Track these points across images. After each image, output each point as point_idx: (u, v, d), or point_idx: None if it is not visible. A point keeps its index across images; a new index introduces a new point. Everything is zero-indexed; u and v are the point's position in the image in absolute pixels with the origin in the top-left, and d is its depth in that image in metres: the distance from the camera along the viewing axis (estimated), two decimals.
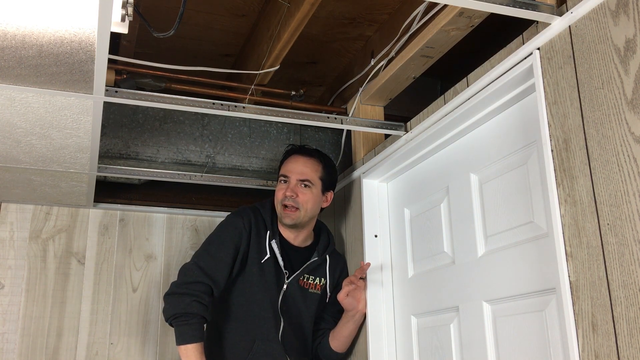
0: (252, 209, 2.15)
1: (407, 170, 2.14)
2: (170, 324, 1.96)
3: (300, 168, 2.11)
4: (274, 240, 2.09)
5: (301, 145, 2.22)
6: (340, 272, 2.24)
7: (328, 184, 2.16)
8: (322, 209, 2.19)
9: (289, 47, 1.97)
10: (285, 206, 2.07)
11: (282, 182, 2.12)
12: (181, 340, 1.92)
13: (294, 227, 2.11)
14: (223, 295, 2.08)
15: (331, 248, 2.21)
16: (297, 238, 2.16)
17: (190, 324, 1.92)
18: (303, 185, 2.09)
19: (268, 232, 2.11)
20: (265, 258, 2.08)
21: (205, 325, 1.98)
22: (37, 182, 2.20)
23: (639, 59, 1.14)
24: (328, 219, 2.47)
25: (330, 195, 2.19)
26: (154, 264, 2.64)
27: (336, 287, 2.21)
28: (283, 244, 2.13)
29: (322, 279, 2.19)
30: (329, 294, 2.21)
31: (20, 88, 1.50)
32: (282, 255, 2.10)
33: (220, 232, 2.09)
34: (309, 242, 2.21)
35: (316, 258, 2.15)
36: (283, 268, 2.10)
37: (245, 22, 2.22)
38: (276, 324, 2.07)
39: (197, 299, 1.94)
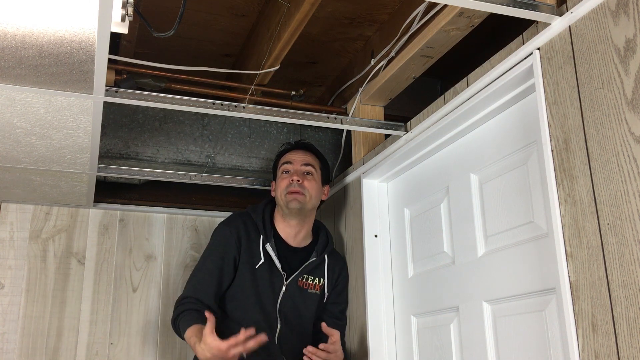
0: (242, 215, 2.16)
1: (407, 170, 2.14)
2: (182, 334, 1.96)
3: (301, 156, 2.15)
4: (268, 244, 2.09)
5: (297, 140, 2.25)
6: (340, 272, 2.23)
7: (325, 176, 2.21)
8: (321, 203, 2.20)
9: (289, 47, 1.97)
10: (291, 192, 2.08)
11: (285, 172, 2.13)
12: (183, 329, 1.92)
13: (299, 214, 2.10)
14: (221, 301, 2.09)
15: (330, 247, 2.21)
16: (298, 236, 2.15)
17: (188, 314, 1.94)
18: (306, 173, 2.12)
19: (261, 236, 2.10)
20: (260, 263, 2.07)
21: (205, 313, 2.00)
22: (37, 182, 2.20)
23: (639, 59, 1.14)
24: (328, 219, 2.47)
25: (327, 188, 2.23)
26: (154, 264, 2.64)
27: (335, 287, 2.21)
28: (279, 246, 2.13)
29: (321, 279, 2.19)
30: (327, 294, 2.21)
31: (20, 88, 1.50)
32: (278, 257, 2.10)
33: (209, 245, 2.13)
34: (307, 242, 2.20)
35: (314, 258, 2.15)
36: (281, 270, 2.10)
37: (245, 22, 2.22)
38: (271, 326, 2.07)
39: (191, 303, 1.98)
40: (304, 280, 2.15)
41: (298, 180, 2.08)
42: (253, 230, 2.11)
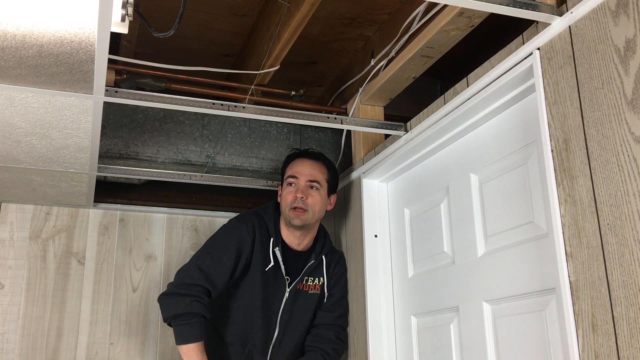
0: (255, 214, 2.14)
1: (407, 170, 2.14)
2: (169, 324, 1.97)
3: (308, 170, 2.11)
4: (277, 248, 2.09)
5: (306, 149, 2.23)
6: (335, 266, 2.24)
7: (332, 186, 2.18)
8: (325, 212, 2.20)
9: (289, 47, 1.97)
10: (295, 208, 2.06)
11: (290, 185, 2.11)
12: (182, 340, 1.92)
13: (301, 228, 2.10)
14: (223, 298, 2.09)
15: (327, 248, 2.22)
16: (302, 243, 2.16)
17: (191, 323, 1.92)
18: (312, 187, 2.09)
19: (272, 239, 2.10)
20: (270, 266, 2.08)
21: (207, 318, 1.99)
22: (37, 182, 2.20)
23: (639, 59, 1.14)
24: (328, 219, 2.47)
25: (333, 198, 2.21)
26: (154, 264, 2.64)
27: (331, 279, 2.22)
28: (284, 249, 2.13)
29: (321, 279, 2.20)
30: (326, 293, 2.22)
31: (20, 88, 1.50)
32: (283, 262, 2.10)
33: (224, 236, 2.09)
34: (309, 245, 2.21)
35: (313, 260, 2.16)
36: (285, 275, 2.11)
37: (245, 22, 2.22)
38: (269, 333, 2.09)
39: (197, 299, 1.94)
40: (305, 282, 2.16)
41: (302, 198, 2.07)
42: (265, 232, 2.11)
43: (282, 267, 2.09)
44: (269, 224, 2.11)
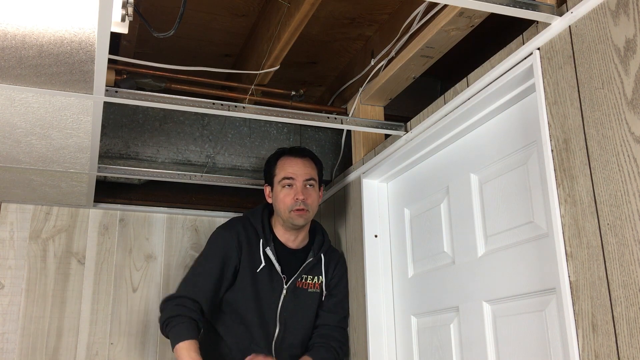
0: (241, 219, 2.17)
1: (407, 170, 2.14)
2: (167, 336, 1.99)
3: (303, 169, 2.12)
4: (268, 248, 2.10)
5: (291, 147, 2.23)
6: (335, 266, 2.24)
7: (321, 179, 2.21)
8: None
9: (289, 47, 1.97)
10: (296, 209, 2.07)
11: (287, 186, 2.10)
12: (174, 341, 1.95)
13: (302, 226, 2.13)
14: (219, 304, 2.10)
15: (326, 246, 2.22)
16: (297, 240, 2.17)
17: (182, 323, 1.95)
18: (309, 186, 2.11)
19: (261, 240, 2.11)
20: (261, 267, 2.08)
21: (200, 329, 2.01)
22: (37, 182, 2.20)
23: (639, 59, 1.14)
24: (328, 219, 2.47)
25: (321, 190, 2.22)
26: (154, 264, 2.64)
27: (331, 280, 2.22)
28: (278, 249, 2.13)
29: (320, 277, 2.20)
30: (324, 291, 2.22)
31: (20, 88, 1.50)
32: (278, 261, 2.10)
33: (210, 246, 2.13)
34: (305, 243, 2.21)
35: (311, 259, 2.16)
36: (280, 273, 2.10)
37: (245, 22, 2.22)
38: (268, 331, 2.09)
39: (184, 306, 1.99)
40: (303, 281, 2.16)
41: (303, 199, 2.07)
42: (253, 235, 2.12)
43: (277, 265, 2.09)
44: (256, 226, 2.12)
